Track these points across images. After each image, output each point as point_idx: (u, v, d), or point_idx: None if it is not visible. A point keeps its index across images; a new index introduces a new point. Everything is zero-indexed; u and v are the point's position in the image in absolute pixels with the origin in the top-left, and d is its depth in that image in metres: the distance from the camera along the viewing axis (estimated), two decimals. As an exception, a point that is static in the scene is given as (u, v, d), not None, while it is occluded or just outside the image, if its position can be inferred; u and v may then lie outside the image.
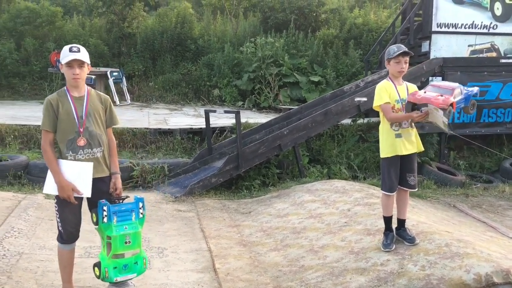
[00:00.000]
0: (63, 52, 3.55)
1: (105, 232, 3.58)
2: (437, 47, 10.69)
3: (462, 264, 3.76)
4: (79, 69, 3.56)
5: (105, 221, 3.54)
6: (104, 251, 3.63)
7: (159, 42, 14.12)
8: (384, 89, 4.28)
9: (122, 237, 3.57)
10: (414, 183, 4.43)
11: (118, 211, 3.60)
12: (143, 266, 3.73)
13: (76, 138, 3.55)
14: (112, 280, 3.60)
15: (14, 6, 14.02)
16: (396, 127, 4.26)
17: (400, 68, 4.22)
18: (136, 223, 3.67)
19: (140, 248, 3.70)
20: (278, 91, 12.55)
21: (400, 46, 4.26)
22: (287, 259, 4.65)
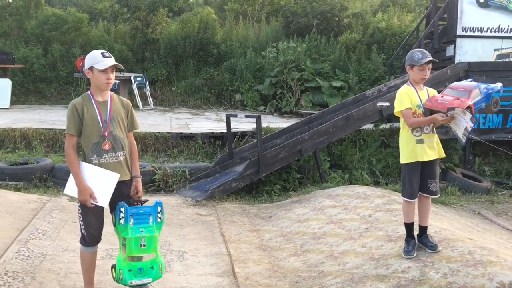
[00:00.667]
0: (94, 58, 3.56)
1: (121, 234, 3.60)
2: (462, 51, 10.54)
3: (485, 272, 3.69)
4: (113, 74, 3.62)
5: (122, 222, 3.55)
6: (121, 252, 3.65)
7: (182, 47, 14.29)
8: (405, 95, 4.22)
9: (137, 240, 3.55)
10: (436, 189, 4.35)
11: (135, 213, 3.59)
12: (159, 271, 3.67)
13: (101, 142, 3.59)
14: (126, 282, 3.58)
15: (42, 12, 14.39)
16: (417, 133, 4.20)
17: (423, 75, 4.17)
18: (153, 227, 3.64)
19: (156, 253, 3.65)
20: (300, 96, 12.54)
21: (425, 53, 4.19)
22: (307, 264, 4.62)
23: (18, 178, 6.84)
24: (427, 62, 4.10)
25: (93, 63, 3.55)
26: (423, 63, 4.10)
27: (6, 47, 13.30)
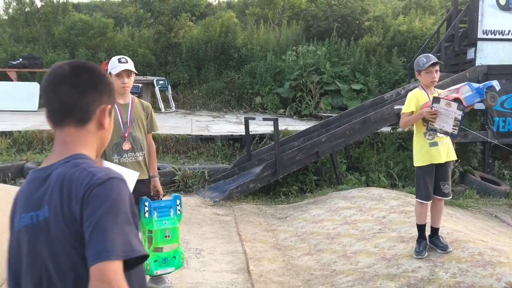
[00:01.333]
0: (112, 63, 3.81)
1: (146, 227, 3.83)
2: (483, 54, 10.46)
3: (494, 273, 3.75)
4: (128, 79, 3.82)
5: (147, 216, 3.79)
6: (146, 245, 3.86)
7: (204, 51, 14.54)
8: (414, 98, 4.32)
9: (162, 231, 3.80)
10: (448, 191, 4.42)
11: (158, 207, 3.85)
12: (180, 260, 3.93)
13: (121, 142, 3.80)
14: (152, 273, 3.83)
15: (69, 18, 14.85)
16: (430, 136, 4.28)
17: (432, 78, 4.26)
18: (174, 218, 3.90)
19: (178, 243, 3.92)
20: (319, 99, 12.63)
21: (429, 57, 4.30)
22: (320, 263, 4.74)
23: (45, 178, 7.14)
24: (432, 64, 4.20)
25: (110, 68, 3.79)
26: (428, 67, 4.21)
27: (35, 51, 13.77)
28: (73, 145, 1.45)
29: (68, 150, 1.43)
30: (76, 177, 1.33)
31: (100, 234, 1.25)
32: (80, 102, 1.45)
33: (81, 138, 1.46)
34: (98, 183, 1.31)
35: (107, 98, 1.52)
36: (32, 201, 1.39)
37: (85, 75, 1.48)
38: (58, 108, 1.45)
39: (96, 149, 1.52)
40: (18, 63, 12.17)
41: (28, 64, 12.22)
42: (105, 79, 1.53)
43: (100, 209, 1.27)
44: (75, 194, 1.31)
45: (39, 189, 1.39)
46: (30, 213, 1.38)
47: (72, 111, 1.45)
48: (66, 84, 1.44)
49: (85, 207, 1.29)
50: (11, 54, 13.45)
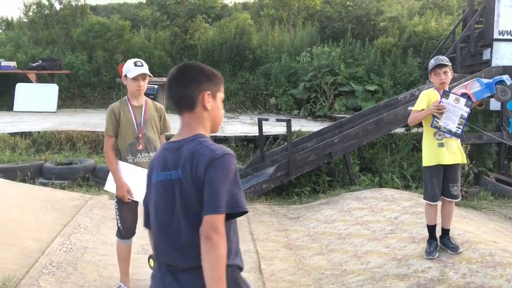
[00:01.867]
0: (127, 66, 3.91)
1: None
2: (499, 55, 10.38)
3: (504, 273, 3.76)
4: (143, 82, 3.94)
5: None
6: None
7: (219, 52, 14.67)
8: (426, 96, 4.36)
9: None
10: (457, 193, 4.42)
11: None
12: None
13: (135, 143, 3.91)
14: None
15: (87, 21, 15.10)
16: (439, 137, 4.31)
17: (440, 80, 4.30)
18: None
19: None
20: (334, 100, 12.64)
21: (437, 58, 4.34)
22: (331, 263, 4.79)
23: (63, 177, 7.31)
24: (438, 66, 4.25)
25: (127, 72, 3.90)
26: (435, 68, 4.27)
27: (54, 54, 14.04)
28: (193, 125, 1.98)
29: (191, 130, 1.97)
30: (202, 152, 1.87)
31: (214, 193, 1.80)
32: (184, 93, 1.97)
33: (196, 120, 1.99)
34: (217, 157, 1.84)
35: (205, 86, 1.99)
36: (167, 163, 1.94)
37: (185, 72, 2.00)
38: (174, 100, 2.00)
39: (209, 127, 2.03)
40: (38, 65, 12.43)
41: (47, 66, 12.48)
42: (201, 72, 2.02)
43: (217, 176, 1.82)
44: (201, 164, 1.85)
45: (173, 156, 1.93)
46: (165, 172, 1.94)
47: (181, 101, 1.98)
48: (173, 82, 1.99)
49: (206, 174, 1.83)
50: (31, 56, 13.74)
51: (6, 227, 4.80)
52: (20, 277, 3.88)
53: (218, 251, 1.77)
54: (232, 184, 1.84)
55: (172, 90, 2.00)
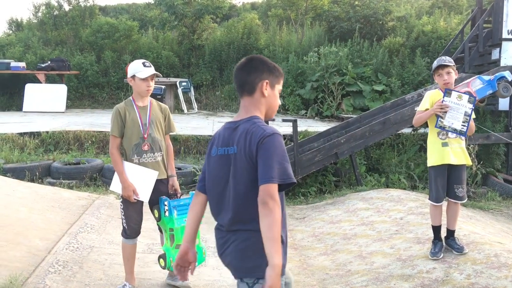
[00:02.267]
0: (136, 67, 3.93)
1: (167, 225, 3.96)
2: (508, 55, 10.31)
3: (509, 275, 3.75)
4: (152, 82, 3.97)
5: (167, 215, 3.93)
6: (168, 242, 4.01)
7: (226, 53, 14.70)
8: (430, 96, 4.37)
9: (183, 229, 3.92)
10: (462, 194, 4.40)
11: (177, 205, 3.99)
12: (202, 255, 4.06)
13: (141, 143, 3.94)
14: None
15: (95, 21, 15.20)
16: (443, 136, 4.30)
17: (443, 80, 4.29)
18: None
19: (199, 239, 4.03)
20: (341, 100, 12.61)
21: (440, 59, 4.34)
22: (335, 263, 4.79)
23: (71, 177, 7.37)
24: (440, 67, 4.25)
25: (135, 72, 3.92)
26: (437, 69, 4.27)
27: (63, 54, 14.16)
28: (250, 108, 2.31)
29: (248, 112, 2.31)
30: (254, 130, 2.19)
31: (267, 166, 2.10)
32: (247, 80, 2.31)
33: (253, 104, 2.32)
34: (267, 135, 2.15)
35: (266, 76, 2.32)
36: (225, 140, 2.28)
37: (251, 62, 2.35)
38: (238, 84, 2.36)
39: (264, 111, 2.36)
40: (47, 65, 12.54)
41: (56, 66, 12.58)
42: (265, 64, 2.36)
43: (268, 152, 2.12)
44: (253, 141, 2.16)
45: (230, 134, 2.27)
46: (223, 148, 2.28)
47: (244, 86, 2.33)
48: (240, 69, 2.34)
49: (259, 149, 2.14)
50: (40, 57, 13.86)
51: (14, 226, 4.86)
52: (26, 275, 3.93)
53: (274, 215, 2.05)
54: (281, 158, 2.13)
55: (238, 76, 2.35)
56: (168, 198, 3.99)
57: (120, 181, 3.89)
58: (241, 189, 2.20)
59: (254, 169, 2.16)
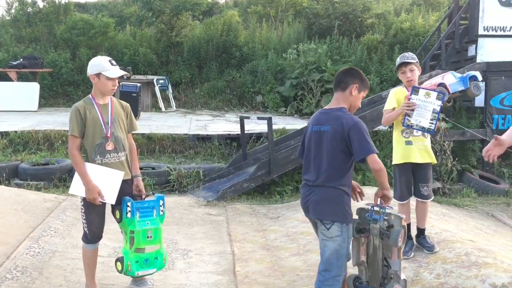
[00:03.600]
0: (102, 64, 3.75)
1: (128, 227, 3.80)
2: (484, 51, 10.32)
3: (479, 274, 3.68)
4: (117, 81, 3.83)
5: (129, 216, 3.76)
6: (127, 245, 3.84)
7: (205, 50, 14.52)
8: (394, 95, 4.31)
9: (144, 232, 3.77)
10: (428, 193, 4.34)
11: (140, 207, 3.82)
12: (163, 261, 3.92)
13: (104, 143, 3.76)
14: (134, 273, 3.81)
15: (70, 18, 14.87)
16: (406, 134, 4.24)
17: (406, 77, 4.23)
18: (157, 219, 3.87)
19: (160, 244, 3.90)
20: (321, 97, 12.52)
21: (403, 56, 4.27)
22: (307, 264, 4.69)
23: (39, 178, 7.16)
24: (403, 64, 4.19)
25: (102, 70, 3.75)
26: (400, 67, 4.21)
27: (36, 52, 13.82)
28: (340, 101, 3.20)
29: (338, 103, 3.20)
30: (345, 117, 3.08)
31: (362, 144, 3.00)
32: (345, 80, 3.20)
33: (343, 98, 3.20)
34: (356, 121, 3.06)
35: (357, 82, 3.19)
36: (320, 121, 3.19)
37: (351, 70, 3.28)
38: (336, 82, 3.24)
39: (349, 105, 3.21)
40: (18, 63, 12.21)
41: (28, 64, 12.26)
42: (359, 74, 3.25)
43: (359, 134, 3.01)
44: (345, 124, 3.04)
45: (324, 117, 3.20)
46: (318, 126, 3.17)
47: (341, 83, 3.21)
48: (342, 73, 3.27)
49: (350, 132, 3.01)
50: (13, 55, 13.51)
51: (-28, 231, 4.66)
52: None
53: (383, 169, 3.08)
54: (368, 138, 3.04)
55: (339, 76, 3.24)
56: (132, 199, 3.83)
57: (83, 184, 3.70)
58: (326, 157, 3.09)
59: (340, 144, 3.04)
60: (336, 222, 3.07)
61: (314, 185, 3.14)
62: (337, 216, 3.07)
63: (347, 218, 3.13)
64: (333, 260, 3.10)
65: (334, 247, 3.09)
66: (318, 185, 3.12)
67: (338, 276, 3.12)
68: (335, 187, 3.09)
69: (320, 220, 3.14)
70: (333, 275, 3.11)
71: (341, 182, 3.11)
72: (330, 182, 3.09)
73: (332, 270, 3.11)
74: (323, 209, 3.12)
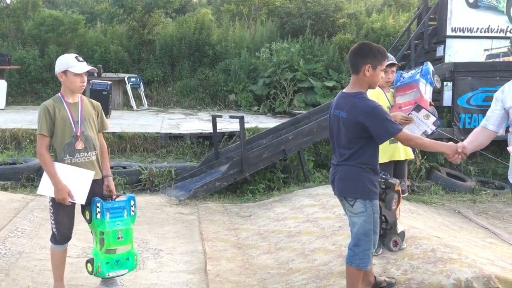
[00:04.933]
0: (68, 61, 3.66)
1: (98, 228, 3.74)
2: (452, 52, 10.61)
3: (444, 269, 3.77)
4: (85, 78, 3.76)
5: (98, 217, 3.70)
6: (97, 246, 3.78)
7: (178, 48, 14.43)
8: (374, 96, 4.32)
9: (115, 233, 3.72)
10: (404, 188, 4.47)
11: (111, 208, 3.75)
12: (134, 262, 3.88)
13: (73, 142, 3.69)
14: (104, 275, 3.76)
15: (38, 14, 14.56)
16: None
17: (387, 78, 4.28)
18: (128, 220, 3.82)
19: (131, 245, 3.85)
20: (293, 96, 12.63)
21: (390, 57, 4.30)
22: (278, 262, 4.72)
23: (5, 178, 6.99)
24: (389, 65, 4.21)
25: (68, 67, 3.67)
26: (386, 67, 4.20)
27: (4, 48, 13.48)
28: (356, 85, 3.18)
29: (354, 87, 3.18)
30: (361, 106, 3.08)
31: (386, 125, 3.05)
32: (355, 63, 3.15)
33: (358, 82, 3.17)
34: (372, 108, 3.07)
35: (369, 60, 3.11)
36: (339, 105, 3.21)
37: (359, 49, 3.17)
38: (350, 65, 3.23)
39: (367, 86, 3.20)
40: (-16, 60, 11.91)
41: (-5, 61, 11.96)
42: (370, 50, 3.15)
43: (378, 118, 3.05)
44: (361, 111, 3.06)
45: (342, 102, 3.20)
46: (337, 111, 3.21)
47: (353, 67, 3.18)
48: (351, 54, 3.20)
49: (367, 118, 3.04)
50: (-22, 51, 13.14)
51: None
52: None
53: (414, 140, 3.29)
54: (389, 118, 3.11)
55: (350, 59, 3.20)
56: (102, 200, 3.77)
57: (53, 184, 3.63)
58: (344, 140, 3.19)
59: (357, 131, 3.10)
60: (359, 199, 3.17)
61: (337, 164, 3.28)
62: (358, 193, 3.17)
63: (369, 195, 3.20)
64: (360, 236, 3.24)
65: (360, 223, 3.21)
66: (340, 164, 3.25)
67: (367, 250, 3.25)
68: (355, 165, 3.17)
69: (344, 197, 3.27)
70: (362, 250, 3.25)
71: (361, 160, 3.17)
72: (351, 161, 3.18)
73: (361, 245, 3.24)
74: (345, 186, 3.25)
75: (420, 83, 4.32)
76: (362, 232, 3.23)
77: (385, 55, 3.17)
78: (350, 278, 3.37)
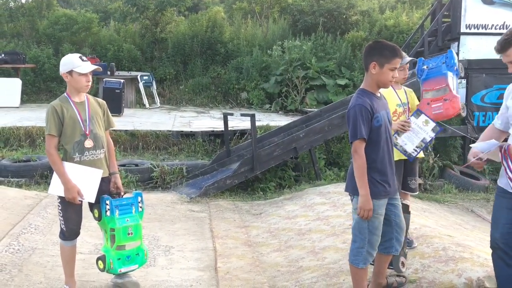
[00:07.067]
0: (73, 61, 3.69)
1: (108, 225, 3.79)
2: (466, 49, 10.44)
3: (455, 268, 3.74)
4: (90, 77, 3.79)
5: (108, 214, 3.75)
6: (108, 243, 3.83)
7: (190, 46, 14.45)
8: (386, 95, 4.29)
9: (125, 229, 3.79)
10: (415, 186, 4.44)
11: (119, 205, 3.82)
12: (144, 257, 3.95)
13: (83, 140, 3.73)
14: (116, 271, 3.82)
15: (53, 13, 14.70)
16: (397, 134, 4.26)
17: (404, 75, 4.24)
18: (136, 216, 3.89)
19: (141, 240, 3.92)
20: (305, 94, 12.58)
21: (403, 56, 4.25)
22: (288, 259, 4.72)
23: (20, 175, 7.08)
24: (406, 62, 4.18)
25: (73, 67, 3.70)
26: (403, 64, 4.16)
27: (19, 47, 13.65)
28: (364, 82, 3.26)
29: (363, 84, 3.27)
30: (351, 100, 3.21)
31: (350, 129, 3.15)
32: (364, 60, 3.24)
33: (366, 78, 3.24)
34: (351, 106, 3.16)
35: (375, 58, 3.13)
36: None
37: (368, 47, 3.23)
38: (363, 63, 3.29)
39: (373, 84, 3.20)
40: (0, 59, 12.04)
41: (10, 59, 12.10)
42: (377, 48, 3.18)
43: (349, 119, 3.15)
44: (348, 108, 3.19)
45: None
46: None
47: (364, 64, 3.24)
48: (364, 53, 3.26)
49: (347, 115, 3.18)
50: (-6, 50, 13.32)
51: (-50, 228, 4.60)
52: None
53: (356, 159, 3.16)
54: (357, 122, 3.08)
55: (363, 57, 3.26)
56: (110, 197, 3.81)
57: (62, 183, 3.67)
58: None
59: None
60: (356, 195, 3.19)
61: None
62: (356, 189, 3.16)
63: None
64: (355, 232, 3.26)
65: (355, 218, 3.24)
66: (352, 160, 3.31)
67: (361, 248, 3.22)
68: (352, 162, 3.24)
69: (348, 193, 3.37)
70: (357, 246, 3.24)
71: None
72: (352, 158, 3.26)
73: (356, 241, 3.25)
74: (348, 182, 3.34)
75: (448, 78, 4.17)
76: (357, 228, 3.25)
77: (395, 54, 3.12)
78: (351, 275, 3.40)
